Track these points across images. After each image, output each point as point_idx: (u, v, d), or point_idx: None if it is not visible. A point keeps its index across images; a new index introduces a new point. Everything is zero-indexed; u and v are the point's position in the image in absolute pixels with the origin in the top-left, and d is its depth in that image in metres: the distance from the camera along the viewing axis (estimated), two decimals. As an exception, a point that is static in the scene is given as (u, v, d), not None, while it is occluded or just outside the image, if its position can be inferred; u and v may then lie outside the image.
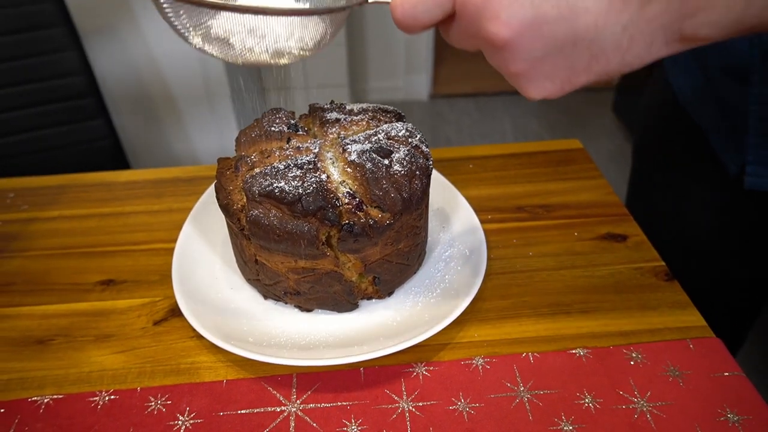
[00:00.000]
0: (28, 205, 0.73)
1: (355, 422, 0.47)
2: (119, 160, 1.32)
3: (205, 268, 0.60)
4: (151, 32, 1.52)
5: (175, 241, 0.62)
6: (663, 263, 0.61)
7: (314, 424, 0.46)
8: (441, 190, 0.68)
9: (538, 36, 0.33)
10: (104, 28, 1.49)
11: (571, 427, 0.46)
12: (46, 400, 0.49)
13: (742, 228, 0.71)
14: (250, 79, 2.05)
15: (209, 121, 1.73)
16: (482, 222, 0.63)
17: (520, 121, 2.72)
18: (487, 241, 0.60)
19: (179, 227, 0.64)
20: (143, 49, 1.54)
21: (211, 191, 0.67)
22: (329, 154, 0.53)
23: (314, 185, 0.48)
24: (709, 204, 0.72)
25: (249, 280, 0.58)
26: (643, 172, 0.86)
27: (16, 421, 0.47)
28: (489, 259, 0.60)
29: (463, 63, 3.17)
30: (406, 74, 2.85)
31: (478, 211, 0.65)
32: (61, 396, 0.49)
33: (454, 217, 0.65)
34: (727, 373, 0.50)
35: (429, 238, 0.62)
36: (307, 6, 0.43)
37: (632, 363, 0.51)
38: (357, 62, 2.73)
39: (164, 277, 0.61)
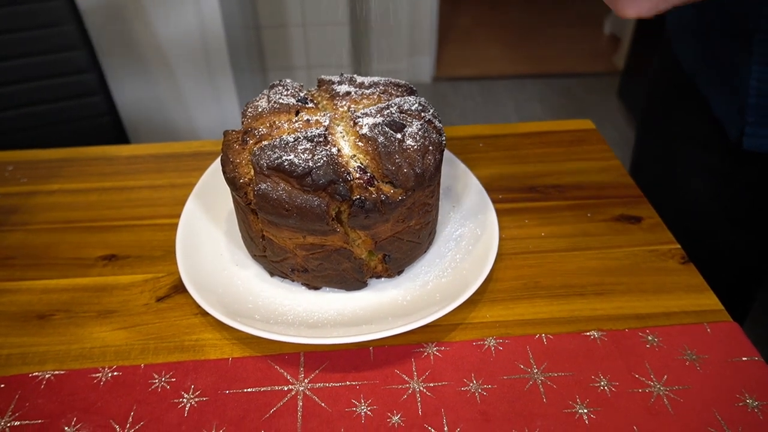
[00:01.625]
0: (28, 179, 0.71)
1: (365, 402, 0.45)
2: (119, 137, 1.30)
3: (210, 244, 0.58)
4: (153, 6, 1.49)
5: (178, 216, 0.60)
6: (678, 246, 0.60)
7: (322, 404, 0.45)
8: (451, 168, 0.67)
9: None
10: (105, 3, 1.46)
11: (585, 410, 0.45)
12: (47, 376, 0.48)
13: (740, 193, 0.71)
14: (252, 58, 2.02)
15: (210, 98, 1.71)
16: (493, 202, 0.62)
17: (523, 105, 2.69)
18: (499, 221, 0.59)
19: (182, 202, 0.62)
20: (144, 23, 1.51)
21: (214, 166, 0.66)
22: (339, 128, 0.51)
23: (325, 159, 0.47)
24: (709, 169, 0.73)
25: (255, 257, 0.56)
26: (645, 142, 0.86)
27: (17, 396, 0.46)
28: (500, 239, 0.59)
29: (467, 46, 3.14)
30: (410, 56, 2.81)
31: (489, 190, 0.63)
32: (62, 372, 0.48)
33: (464, 196, 0.64)
34: (745, 358, 0.48)
35: (439, 217, 0.61)
36: None
37: (648, 346, 0.50)
38: (360, 43, 2.69)
39: (167, 253, 0.60)
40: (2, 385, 0.47)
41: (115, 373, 0.48)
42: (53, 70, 1.17)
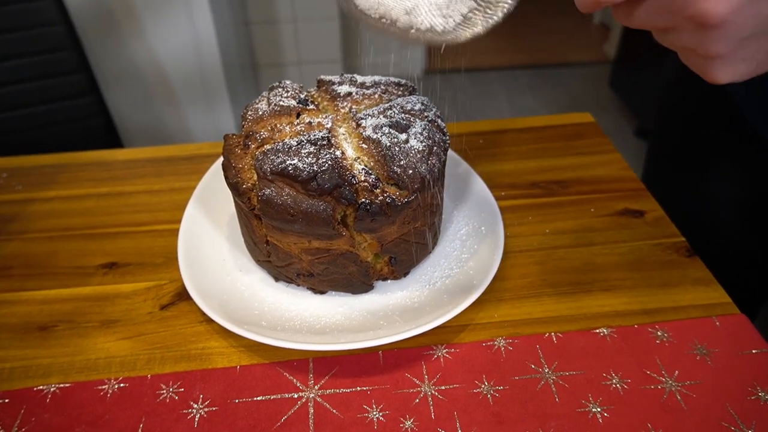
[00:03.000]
0: (23, 186, 0.70)
1: (377, 407, 0.45)
2: (111, 138, 1.29)
3: (212, 250, 0.58)
4: (142, 6, 1.47)
5: (178, 221, 0.59)
6: (683, 239, 0.60)
7: (334, 411, 0.45)
8: (453, 165, 0.66)
9: (754, 14, 0.31)
10: (94, 3, 1.44)
11: (599, 409, 0.44)
12: (52, 389, 0.47)
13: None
14: (243, 55, 2.00)
15: (201, 97, 1.69)
16: (496, 199, 0.61)
17: (516, 96, 2.68)
18: (502, 219, 0.58)
19: (182, 207, 0.61)
20: (133, 23, 1.49)
21: (214, 170, 0.65)
22: (342, 130, 0.51)
23: (329, 162, 0.46)
24: (738, 179, 0.70)
25: (259, 262, 0.55)
26: (663, 149, 0.84)
27: (22, 411, 0.45)
28: (505, 236, 0.58)
29: (457, 37, 3.12)
30: (400, 49, 2.80)
31: (490, 187, 0.63)
32: (68, 384, 0.47)
33: (467, 194, 0.63)
34: (755, 351, 0.48)
35: (443, 216, 0.60)
36: None
37: (658, 342, 0.49)
38: (350, 37, 2.67)
39: (169, 260, 0.59)
40: (6, 400, 0.46)
41: (122, 385, 0.47)
42: (42, 72, 1.15)
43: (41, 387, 0.47)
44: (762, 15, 0.31)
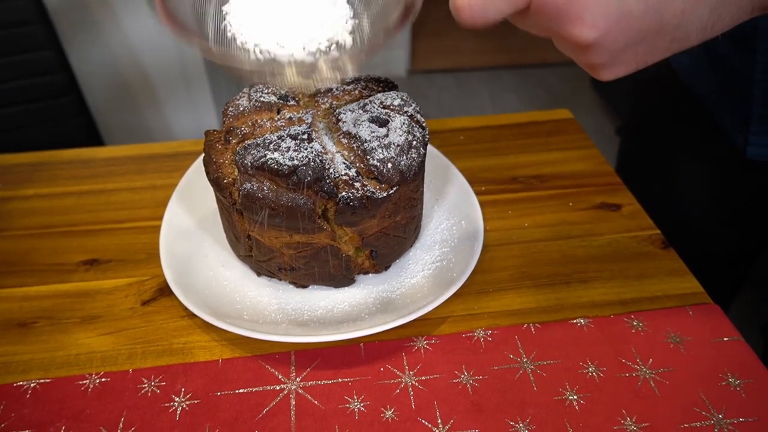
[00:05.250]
0: (1, 184, 0.69)
1: (358, 398, 0.46)
2: (93, 139, 1.28)
3: (194, 246, 0.58)
4: (122, 4, 1.46)
5: (160, 218, 0.59)
6: (658, 231, 0.61)
7: (316, 402, 0.45)
8: (433, 161, 0.67)
9: (623, 31, 0.32)
10: (74, 2, 1.43)
11: (575, 397, 0.45)
12: (32, 385, 0.47)
13: (738, 199, 0.71)
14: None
15: (184, 95, 1.68)
16: (476, 194, 0.62)
17: (499, 96, 2.71)
18: (482, 213, 0.59)
19: (164, 204, 0.61)
20: (113, 21, 1.48)
21: (195, 166, 0.65)
22: (322, 125, 0.51)
23: (309, 156, 0.46)
24: (706, 176, 0.72)
25: (241, 257, 0.56)
26: (633, 147, 0.85)
27: (2, 407, 0.45)
28: (485, 230, 0.59)
29: (441, 38, 3.14)
30: (384, 49, 2.81)
31: (471, 182, 0.64)
32: (48, 380, 0.47)
33: (447, 189, 0.64)
34: (726, 338, 0.50)
35: (423, 211, 0.61)
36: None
37: (633, 331, 0.51)
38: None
39: (151, 256, 0.59)
40: (-14, 397, 0.46)
41: (103, 379, 0.47)
42: (21, 71, 1.14)
43: (21, 383, 0.47)
44: (631, 31, 0.33)
